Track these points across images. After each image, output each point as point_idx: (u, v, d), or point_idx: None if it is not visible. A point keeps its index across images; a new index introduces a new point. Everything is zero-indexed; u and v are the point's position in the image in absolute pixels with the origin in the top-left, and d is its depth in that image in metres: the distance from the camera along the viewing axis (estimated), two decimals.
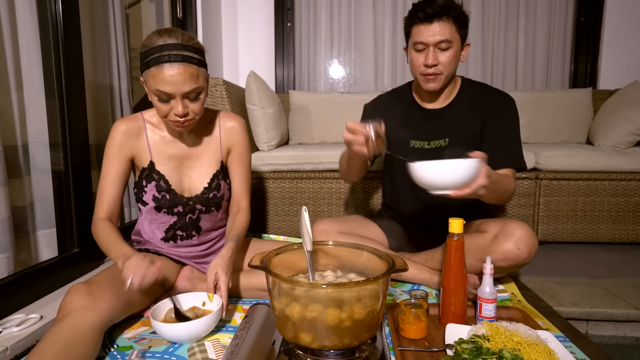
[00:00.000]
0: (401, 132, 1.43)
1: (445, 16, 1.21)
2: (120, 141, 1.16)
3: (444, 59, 1.26)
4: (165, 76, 1.01)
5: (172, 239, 1.26)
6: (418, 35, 1.25)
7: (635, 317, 1.33)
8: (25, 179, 1.28)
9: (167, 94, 1.03)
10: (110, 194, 1.16)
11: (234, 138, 1.28)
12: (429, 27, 1.23)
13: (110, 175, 1.16)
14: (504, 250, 1.21)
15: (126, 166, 1.18)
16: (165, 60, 1.00)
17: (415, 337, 1.00)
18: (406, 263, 0.88)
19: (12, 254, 1.15)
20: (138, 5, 2.02)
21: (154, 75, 1.02)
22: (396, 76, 2.91)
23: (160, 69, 1.01)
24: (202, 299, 1.13)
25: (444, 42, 1.23)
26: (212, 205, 1.26)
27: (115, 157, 1.16)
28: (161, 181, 1.19)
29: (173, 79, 1.01)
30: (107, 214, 1.15)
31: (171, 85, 1.02)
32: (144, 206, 1.22)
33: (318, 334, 0.80)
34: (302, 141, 2.51)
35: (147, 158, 1.19)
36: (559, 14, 2.81)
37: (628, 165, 1.98)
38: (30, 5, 1.24)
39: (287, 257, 0.97)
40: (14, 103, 1.22)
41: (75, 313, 0.89)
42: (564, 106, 2.45)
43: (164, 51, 1.01)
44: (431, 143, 1.39)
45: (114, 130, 1.17)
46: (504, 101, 1.36)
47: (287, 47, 2.89)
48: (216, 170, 1.26)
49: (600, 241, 2.04)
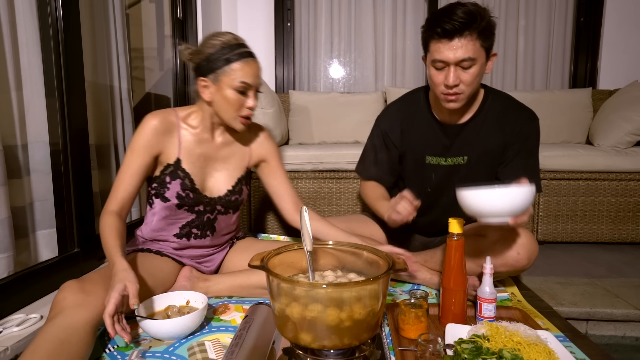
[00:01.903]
0: (417, 147, 1.35)
1: (467, 31, 1.06)
2: (150, 137, 1.15)
3: (466, 78, 1.12)
4: (251, 69, 1.13)
5: (185, 236, 1.25)
6: (437, 53, 1.11)
7: (635, 317, 1.33)
8: (25, 179, 1.27)
9: (248, 86, 1.13)
10: (127, 188, 1.14)
11: (267, 148, 1.35)
12: (449, 45, 1.08)
13: (132, 169, 1.14)
14: (504, 255, 1.21)
15: (150, 162, 1.17)
16: (248, 56, 1.14)
17: (415, 337, 1.00)
18: (406, 263, 0.88)
19: (12, 254, 1.15)
20: (138, 5, 2.02)
21: (239, 69, 1.11)
22: (396, 76, 2.91)
23: (246, 62, 1.13)
24: (186, 297, 1.14)
25: (467, 61, 1.09)
26: (231, 208, 1.29)
27: (142, 151, 1.14)
28: (186, 179, 1.19)
29: (255, 71, 1.15)
30: (118, 207, 1.12)
31: (254, 78, 1.15)
32: (164, 202, 1.19)
33: (318, 334, 0.80)
34: (302, 141, 2.51)
35: (175, 155, 1.19)
36: (558, 14, 2.81)
37: (628, 165, 1.98)
38: (30, 5, 1.24)
39: (287, 257, 0.97)
40: (14, 103, 1.22)
41: (67, 311, 0.88)
42: (563, 106, 2.45)
43: (243, 48, 1.14)
44: (448, 160, 1.31)
45: (146, 124, 1.15)
46: (529, 122, 1.27)
47: (287, 47, 2.88)
48: (241, 175, 1.31)
49: (600, 241, 2.04)
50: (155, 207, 1.22)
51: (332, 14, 2.88)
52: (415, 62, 2.89)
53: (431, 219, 1.41)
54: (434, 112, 1.32)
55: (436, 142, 1.32)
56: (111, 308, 0.88)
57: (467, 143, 1.29)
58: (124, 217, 1.15)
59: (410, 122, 1.35)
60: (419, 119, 1.34)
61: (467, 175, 1.29)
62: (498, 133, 1.27)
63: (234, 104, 1.14)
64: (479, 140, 1.29)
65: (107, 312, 0.88)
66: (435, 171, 1.33)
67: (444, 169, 1.32)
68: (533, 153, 1.29)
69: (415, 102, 1.37)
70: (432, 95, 1.32)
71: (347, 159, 2.02)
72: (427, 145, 1.33)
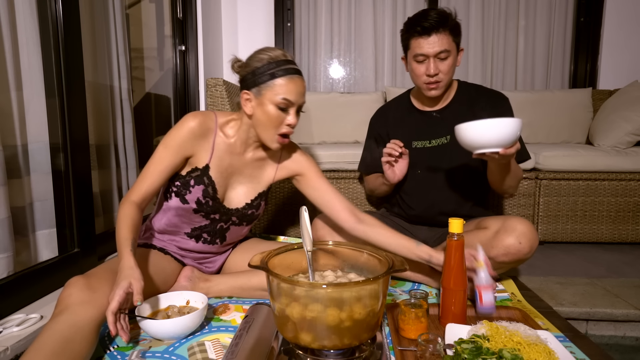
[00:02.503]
0: (402, 134, 1.48)
1: (442, 28, 1.28)
2: (186, 137, 1.14)
3: (444, 68, 1.33)
4: (296, 87, 1.11)
5: (195, 237, 1.25)
6: (418, 48, 1.32)
7: (635, 317, 1.33)
8: (25, 179, 1.27)
9: (290, 102, 1.11)
10: (153, 182, 1.12)
11: (301, 163, 1.32)
12: (428, 40, 1.30)
13: (162, 165, 1.13)
14: (506, 245, 1.22)
15: (180, 162, 1.16)
16: (294, 72, 1.12)
17: (415, 337, 1.00)
18: (405, 263, 0.88)
19: (12, 254, 1.15)
20: (138, 5, 2.02)
21: (282, 85, 1.09)
22: (396, 76, 2.91)
23: (291, 79, 1.11)
24: (186, 297, 1.14)
25: (443, 52, 1.30)
26: (246, 220, 1.29)
27: (176, 150, 1.13)
28: (210, 187, 1.18)
29: (299, 89, 1.12)
30: (140, 199, 1.11)
31: (298, 95, 1.12)
32: (183, 204, 1.18)
33: (318, 334, 0.80)
34: (302, 141, 2.51)
35: (205, 160, 1.18)
36: (558, 14, 2.81)
37: (628, 165, 1.98)
38: (30, 5, 1.24)
39: (287, 257, 0.97)
40: (14, 103, 1.22)
41: (73, 308, 0.88)
42: (563, 106, 2.45)
43: (290, 64, 1.12)
44: (432, 142, 1.45)
45: (185, 123, 1.14)
46: (500, 101, 1.43)
47: (287, 47, 2.88)
48: (262, 190, 1.30)
49: (600, 241, 2.04)
50: (171, 203, 1.20)
51: (332, 14, 2.88)
52: None
53: (429, 202, 1.47)
54: (414, 104, 1.52)
55: (419, 127, 1.48)
56: (114, 305, 0.89)
57: (447, 125, 1.41)
58: (143, 208, 1.14)
59: (396, 117, 1.55)
60: (402, 112, 1.54)
61: (453, 152, 1.40)
62: (474, 110, 1.39)
63: (273, 120, 1.12)
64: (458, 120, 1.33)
65: (110, 309, 0.88)
66: (423, 153, 1.46)
67: (431, 150, 1.46)
68: None
69: (399, 99, 1.60)
70: (414, 91, 1.54)
71: (347, 159, 2.02)
72: (412, 132, 1.48)
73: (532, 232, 1.23)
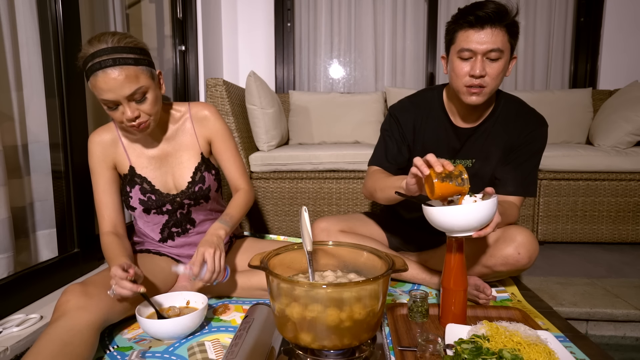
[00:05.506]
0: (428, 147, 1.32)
1: (498, 23, 1.08)
2: (99, 153, 1.17)
3: (492, 71, 1.12)
4: (101, 84, 0.98)
5: (168, 237, 1.26)
6: (465, 42, 1.11)
7: (635, 317, 1.33)
8: (25, 179, 1.27)
9: (111, 102, 1.01)
10: (107, 205, 1.17)
11: (210, 127, 1.25)
12: (479, 33, 1.09)
13: (101, 187, 1.17)
14: (505, 254, 1.21)
15: (113, 175, 1.20)
16: (97, 68, 0.97)
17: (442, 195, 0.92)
18: (406, 263, 0.88)
19: (12, 254, 1.15)
20: (138, 5, 2.02)
21: (93, 86, 1.00)
22: (396, 76, 2.91)
23: (95, 78, 0.98)
24: (186, 297, 1.14)
25: (495, 52, 1.09)
26: (200, 198, 1.25)
27: (99, 169, 1.17)
28: (144, 184, 1.20)
29: (109, 85, 0.98)
30: (111, 226, 1.16)
31: (110, 92, 0.99)
32: (133, 211, 1.23)
33: (318, 334, 0.80)
34: (302, 141, 2.51)
35: (127, 164, 1.20)
36: (559, 14, 2.81)
37: (628, 165, 1.98)
38: (30, 5, 1.24)
39: (287, 257, 0.97)
40: (14, 103, 1.22)
41: (70, 313, 0.89)
42: (563, 106, 2.45)
43: (95, 59, 0.98)
44: (456, 162, 1.31)
45: (90, 143, 1.17)
46: (537, 127, 1.27)
47: (287, 47, 2.89)
48: (197, 163, 1.24)
49: (600, 241, 2.04)
50: (135, 217, 1.27)
51: (332, 14, 2.89)
52: (415, 62, 2.89)
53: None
54: (448, 113, 1.31)
55: (447, 144, 1.31)
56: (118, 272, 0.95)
57: (476, 147, 1.29)
58: (121, 233, 1.17)
59: (424, 121, 1.33)
60: (432, 118, 1.32)
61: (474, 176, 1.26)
62: (506, 136, 1.27)
63: (113, 118, 1.07)
64: (487, 144, 1.29)
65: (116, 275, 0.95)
66: None
67: None
68: (534, 156, 1.29)
69: (430, 102, 1.35)
70: (448, 96, 1.31)
71: (347, 159, 2.02)
72: (438, 147, 1.31)
73: (531, 242, 1.20)
